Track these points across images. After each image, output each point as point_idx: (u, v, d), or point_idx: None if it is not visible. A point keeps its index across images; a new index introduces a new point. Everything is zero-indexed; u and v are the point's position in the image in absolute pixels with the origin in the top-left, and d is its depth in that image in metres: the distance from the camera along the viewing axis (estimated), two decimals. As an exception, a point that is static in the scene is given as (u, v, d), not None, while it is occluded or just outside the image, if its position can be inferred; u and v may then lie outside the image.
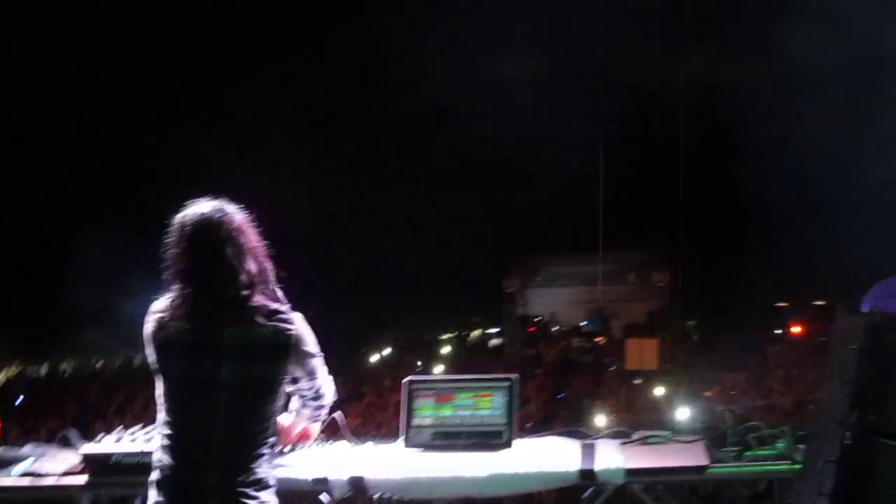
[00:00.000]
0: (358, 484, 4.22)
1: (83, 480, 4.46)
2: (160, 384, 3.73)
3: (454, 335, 32.44)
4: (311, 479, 4.25)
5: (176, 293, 3.73)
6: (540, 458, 4.36)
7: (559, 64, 29.42)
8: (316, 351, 3.91)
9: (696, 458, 4.33)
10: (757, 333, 23.89)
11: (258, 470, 3.65)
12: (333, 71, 29.63)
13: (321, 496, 4.37)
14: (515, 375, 4.70)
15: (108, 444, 4.47)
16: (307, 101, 30.35)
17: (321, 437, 4.54)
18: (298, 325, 3.80)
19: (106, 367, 27.25)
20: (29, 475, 4.54)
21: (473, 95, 26.96)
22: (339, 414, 4.50)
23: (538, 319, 28.62)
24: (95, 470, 4.42)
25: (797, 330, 25.54)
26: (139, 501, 4.17)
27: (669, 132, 24.94)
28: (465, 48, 27.24)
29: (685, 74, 22.79)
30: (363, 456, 4.48)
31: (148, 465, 3.74)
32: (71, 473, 4.52)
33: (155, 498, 3.66)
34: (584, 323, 27.71)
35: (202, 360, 3.66)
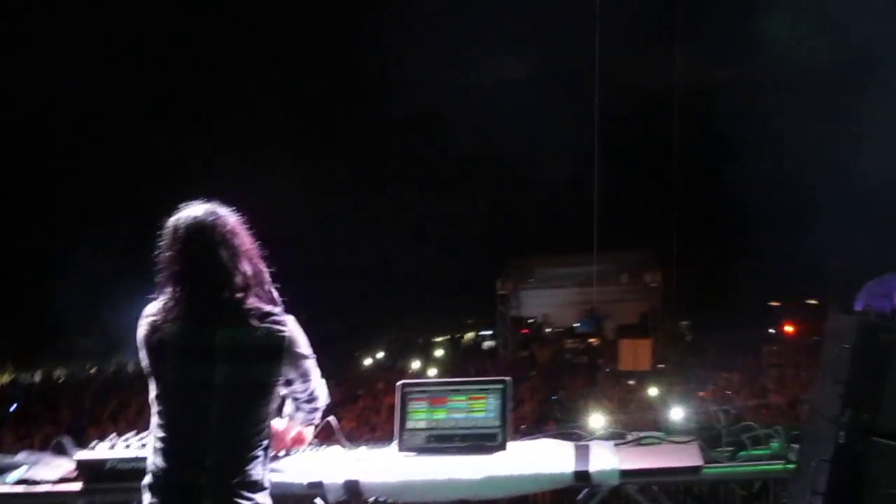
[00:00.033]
0: (353, 488, 4.22)
1: (78, 487, 4.46)
2: (153, 387, 3.73)
3: (448, 337, 32.44)
4: (306, 483, 4.26)
5: (169, 296, 3.73)
6: (534, 460, 4.37)
7: (553, 65, 29.45)
8: (309, 353, 3.91)
9: (690, 458, 4.34)
10: (750, 333, 23.91)
11: (252, 472, 3.65)
12: (330, 72, 29.60)
13: (316, 500, 4.36)
14: (509, 378, 4.71)
15: (102, 450, 4.46)
16: (304, 102, 30.33)
17: (315, 441, 4.54)
18: (291, 327, 3.81)
19: (100, 373, 27.21)
20: (23, 482, 4.52)
21: (469, 97, 26.99)
22: (332, 418, 4.50)
23: (531, 321, 28.59)
24: (90, 476, 4.41)
25: (790, 329, 25.54)
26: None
27: (663, 132, 24.96)
28: (460, 50, 27.25)
29: (679, 74, 22.79)
30: (358, 460, 4.48)
31: (143, 470, 3.74)
32: (66, 480, 4.52)
33: (149, 500, 3.66)
34: (577, 324, 27.72)
35: (195, 362, 3.66)
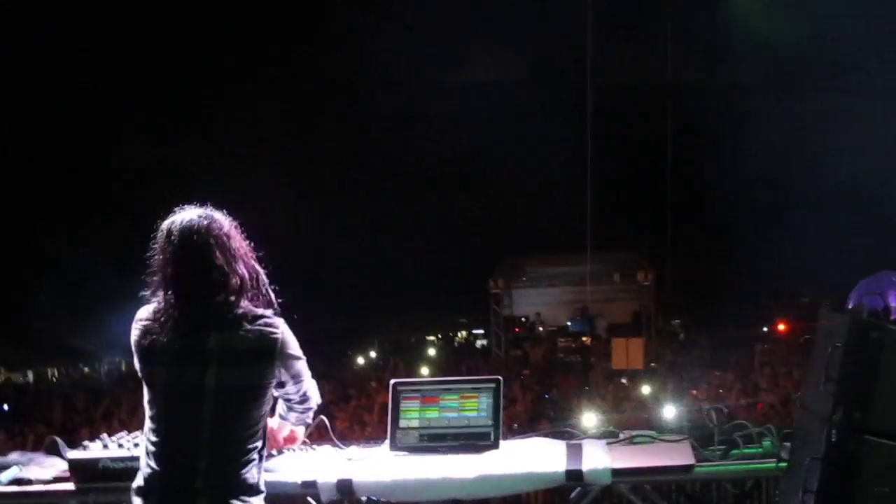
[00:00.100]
0: (346, 487, 4.21)
1: (71, 487, 4.45)
2: (146, 391, 3.72)
3: (440, 336, 32.48)
4: (299, 482, 4.25)
5: (161, 300, 3.72)
6: (527, 459, 4.36)
7: (545, 64, 29.47)
8: (301, 355, 3.90)
9: (682, 457, 4.34)
10: (742, 332, 23.97)
11: (246, 475, 3.65)
12: (321, 71, 29.59)
13: (309, 499, 4.36)
14: (501, 377, 4.71)
15: (94, 450, 4.46)
16: (294, 104, 30.31)
17: (308, 441, 4.54)
18: (283, 329, 3.80)
19: (92, 373, 27.21)
20: (16, 482, 4.52)
21: (460, 96, 26.98)
22: (324, 418, 4.50)
23: (524, 320, 28.61)
24: (83, 476, 4.40)
25: (783, 327, 25.59)
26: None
27: (655, 131, 25.00)
28: (454, 49, 27.26)
29: (671, 73, 22.85)
30: (350, 459, 4.47)
31: (136, 470, 3.73)
32: (58, 480, 4.50)
33: None
34: (570, 323, 27.74)
35: (188, 366, 3.64)
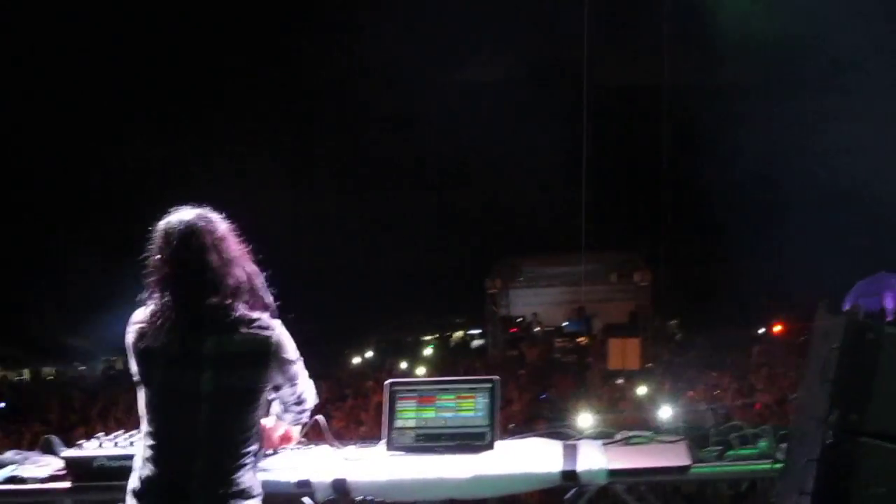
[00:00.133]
0: (341, 486, 4.21)
1: (67, 485, 4.45)
2: (142, 394, 3.71)
3: (437, 336, 32.43)
4: (294, 481, 4.25)
5: (157, 302, 3.70)
6: (523, 459, 4.37)
7: (541, 64, 29.47)
8: (296, 357, 3.89)
9: (678, 458, 4.35)
10: (739, 332, 23.94)
11: (241, 479, 3.64)
12: (316, 70, 29.56)
13: (304, 499, 4.36)
14: (497, 377, 4.71)
15: (90, 448, 4.46)
16: (292, 104, 30.29)
17: (304, 440, 4.54)
18: (278, 331, 3.79)
19: (88, 372, 27.18)
20: (12, 481, 4.51)
21: (457, 96, 26.95)
22: (320, 417, 4.49)
23: (520, 320, 28.60)
24: (78, 475, 4.41)
25: (779, 328, 25.57)
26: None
27: (652, 132, 24.98)
28: (450, 49, 27.24)
29: (669, 76, 22.85)
30: (346, 458, 4.47)
31: (131, 469, 3.72)
32: (54, 478, 4.51)
33: None
34: (566, 323, 27.73)
35: (183, 369, 3.63)
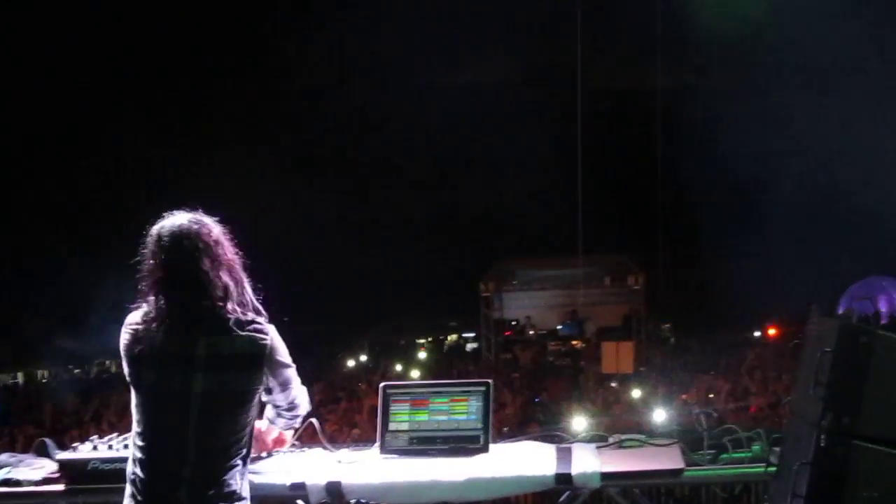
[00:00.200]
0: (335, 489, 4.20)
1: (60, 488, 4.44)
2: (134, 396, 3.70)
3: (431, 339, 32.46)
4: (288, 484, 4.24)
5: (151, 304, 3.70)
6: (516, 462, 4.36)
7: (537, 68, 29.50)
8: (290, 362, 3.89)
9: (671, 461, 4.35)
10: (733, 336, 23.98)
11: (232, 482, 3.64)
12: (307, 72, 29.58)
13: (298, 502, 4.35)
14: (491, 380, 4.71)
15: (84, 451, 4.45)
16: (287, 105, 30.28)
17: (297, 443, 4.53)
18: (272, 335, 3.79)
19: (82, 374, 27.14)
20: (6, 483, 4.50)
21: (450, 99, 26.96)
22: (314, 420, 4.49)
23: (514, 323, 28.63)
24: (72, 477, 4.40)
25: (773, 332, 25.61)
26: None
27: (645, 136, 25.03)
28: (443, 51, 27.25)
29: (662, 79, 22.90)
30: (340, 461, 4.47)
31: (125, 471, 3.72)
32: (48, 481, 4.49)
33: None
34: (560, 327, 27.76)
35: (176, 371, 3.63)
